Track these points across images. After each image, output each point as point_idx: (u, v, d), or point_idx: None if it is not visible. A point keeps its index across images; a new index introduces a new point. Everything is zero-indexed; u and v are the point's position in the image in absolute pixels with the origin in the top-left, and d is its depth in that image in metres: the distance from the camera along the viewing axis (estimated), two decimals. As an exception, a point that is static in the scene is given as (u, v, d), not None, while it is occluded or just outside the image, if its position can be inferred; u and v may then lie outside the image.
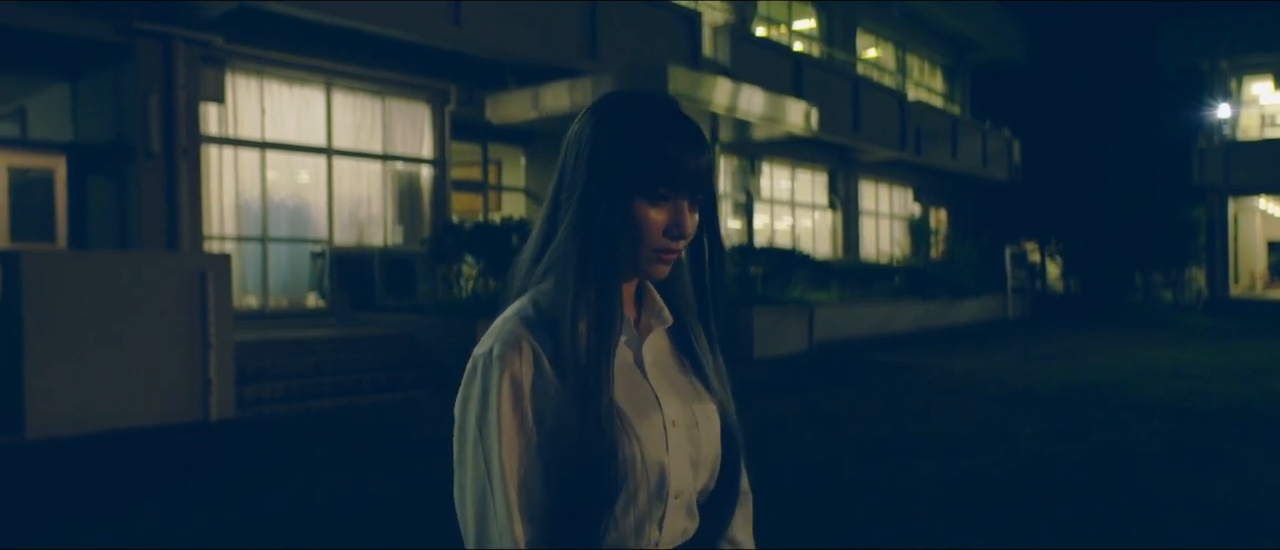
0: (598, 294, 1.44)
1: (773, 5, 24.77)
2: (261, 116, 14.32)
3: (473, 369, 1.44)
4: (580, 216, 1.45)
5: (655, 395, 1.51)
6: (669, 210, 1.46)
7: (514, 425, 1.38)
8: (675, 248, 1.49)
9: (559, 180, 1.53)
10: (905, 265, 26.48)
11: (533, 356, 1.41)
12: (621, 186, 1.44)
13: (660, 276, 1.53)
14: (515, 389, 1.39)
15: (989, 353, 17.84)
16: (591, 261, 1.44)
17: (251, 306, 14.09)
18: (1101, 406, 11.09)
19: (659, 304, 1.58)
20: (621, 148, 1.44)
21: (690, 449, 1.51)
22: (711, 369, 1.62)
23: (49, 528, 6.16)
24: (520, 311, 1.48)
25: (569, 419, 1.38)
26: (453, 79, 15.99)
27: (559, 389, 1.39)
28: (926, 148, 27.80)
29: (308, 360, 11.47)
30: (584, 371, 1.39)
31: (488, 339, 1.46)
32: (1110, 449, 8.62)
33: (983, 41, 33.49)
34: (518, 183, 19.25)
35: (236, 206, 14.11)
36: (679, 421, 1.51)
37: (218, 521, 6.29)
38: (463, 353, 6.71)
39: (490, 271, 13.38)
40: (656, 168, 1.44)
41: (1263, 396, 11.84)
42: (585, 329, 1.42)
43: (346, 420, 10.10)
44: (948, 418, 10.43)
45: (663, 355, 1.58)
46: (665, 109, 1.50)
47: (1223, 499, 6.69)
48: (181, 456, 8.50)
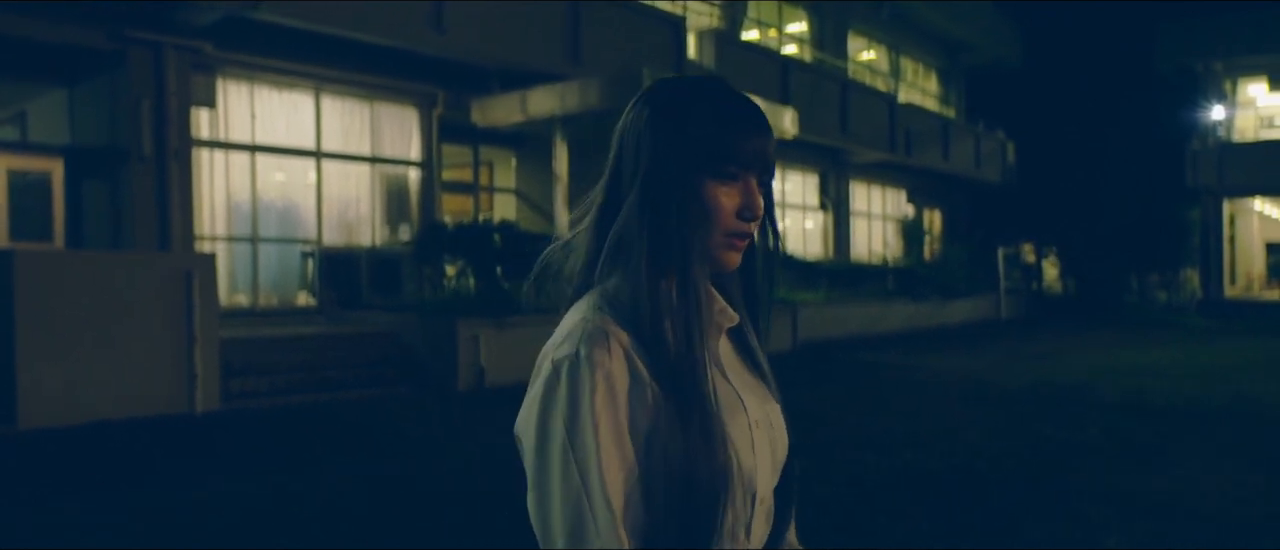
0: (680, 285, 1.36)
1: (763, 9, 25.08)
2: (252, 121, 14.71)
3: (554, 374, 1.31)
4: (646, 202, 1.38)
5: (738, 395, 1.43)
6: (739, 190, 1.39)
7: (611, 431, 1.27)
8: (748, 230, 1.41)
9: (614, 173, 1.45)
10: (896, 266, 26.72)
11: (625, 355, 1.31)
12: (689, 167, 1.37)
13: (733, 265, 1.44)
14: (610, 391, 1.28)
15: (971, 352, 18.14)
16: (666, 250, 1.36)
17: (242, 305, 14.49)
18: (1063, 405, 11.38)
19: (721, 302, 1.48)
20: (686, 127, 1.38)
21: (770, 450, 1.45)
22: (769, 368, 1.56)
23: (32, 510, 6.57)
24: (596, 306, 1.37)
25: (665, 422, 1.29)
26: (440, 84, 16.36)
27: (655, 390, 1.30)
28: (917, 149, 28.04)
29: (293, 356, 11.86)
30: (678, 371, 1.31)
31: (568, 340, 1.33)
32: (1058, 445, 8.91)
33: (977, 43, 33.70)
34: (509, 184, 19.60)
35: (228, 208, 14.50)
36: (760, 422, 1.44)
37: (187, 503, 6.69)
38: (443, 350, 7.41)
39: (472, 272, 13.75)
40: (724, 144, 1.37)
41: (1227, 396, 12.07)
42: (669, 326, 1.33)
43: (327, 414, 10.47)
44: (909, 414, 10.75)
45: (729, 355, 1.51)
46: (723, 88, 1.44)
47: (1154, 495, 6.93)
48: (163, 445, 8.89)
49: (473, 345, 12.24)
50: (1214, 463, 8.13)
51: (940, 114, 31.99)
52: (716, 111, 1.38)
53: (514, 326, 12.71)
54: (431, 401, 11.40)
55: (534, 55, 16.13)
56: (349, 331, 13.05)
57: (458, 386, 12.12)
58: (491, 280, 13.49)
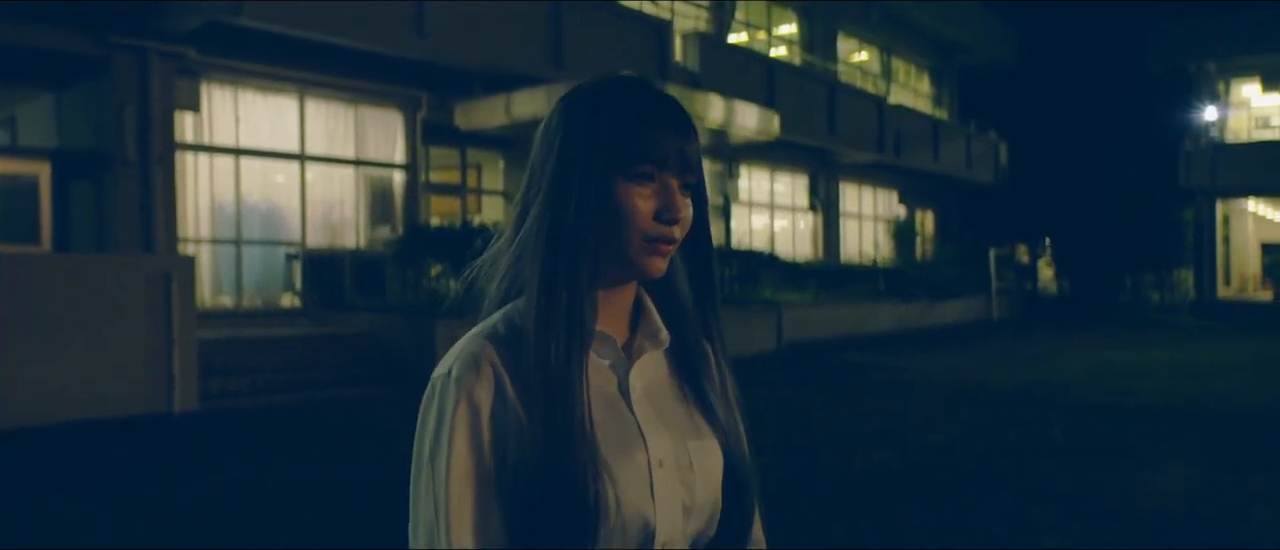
0: (568, 295, 1.27)
1: (752, 11, 25.23)
2: (236, 124, 14.88)
3: (430, 393, 1.28)
4: (548, 205, 1.30)
5: (640, 430, 1.32)
6: (655, 191, 1.30)
7: (469, 458, 1.23)
8: (669, 234, 1.30)
9: (528, 180, 1.37)
10: (887, 267, 26.87)
11: (494, 378, 1.25)
12: (597, 167, 1.28)
13: (658, 272, 1.33)
14: (473, 416, 1.23)
15: (956, 353, 18.29)
16: (561, 257, 1.28)
17: (226, 306, 14.66)
18: (1037, 405, 11.49)
19: (656, 322, 1.39)
20: (593, 125, 1.29)
21: (682, 493, 1.32)
22: (718, 396, 1.44)
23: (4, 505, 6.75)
24: (487, 328, 1.32)
25: (533, 451, 1.22)
26: (423, 87, 16.52)
27: (522, 417, 1.24)
28: (907, 150, 28.15)
29: (274, 357, 12.01)
30: (550, 394, 1.23)
31: (447, 359, 1.30)
32: (1022, 446, 9.01)
33: (969, 44, 33.80)
34: (496, 186, 19.74)
35: (212, 210, 14.67)
36: (666, 461, 1.31)
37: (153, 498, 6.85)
38: (421, 351, 7.61)
39: (453, 273, 13.90)
40: (634, 141, 1.28)
41: (1201, 397, 12.18)
42: (554, 345, 1.26)
43: (304, 413, 10.62)
44: (880, 414, 10.87)
45: (657, 382, 1.39)
46: (637, 84, 1.36)
47: (1107, 496, 7.04)
48: (135, 444, 9.05)
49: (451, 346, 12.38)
50: (1175, 464, 8.23)
51: (931, 115, 32.12)
52: (626, 107, 1.30)
53: (493, 328, 12.85)
54: (409, 401, 11.45)
55: (516, 59, 16.27)
56: (331, 332, 13.21)
57: (435, 387, 12.26)
58: (472, 282, 13.63)
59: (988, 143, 33.75)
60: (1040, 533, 6.13)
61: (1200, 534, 6.15)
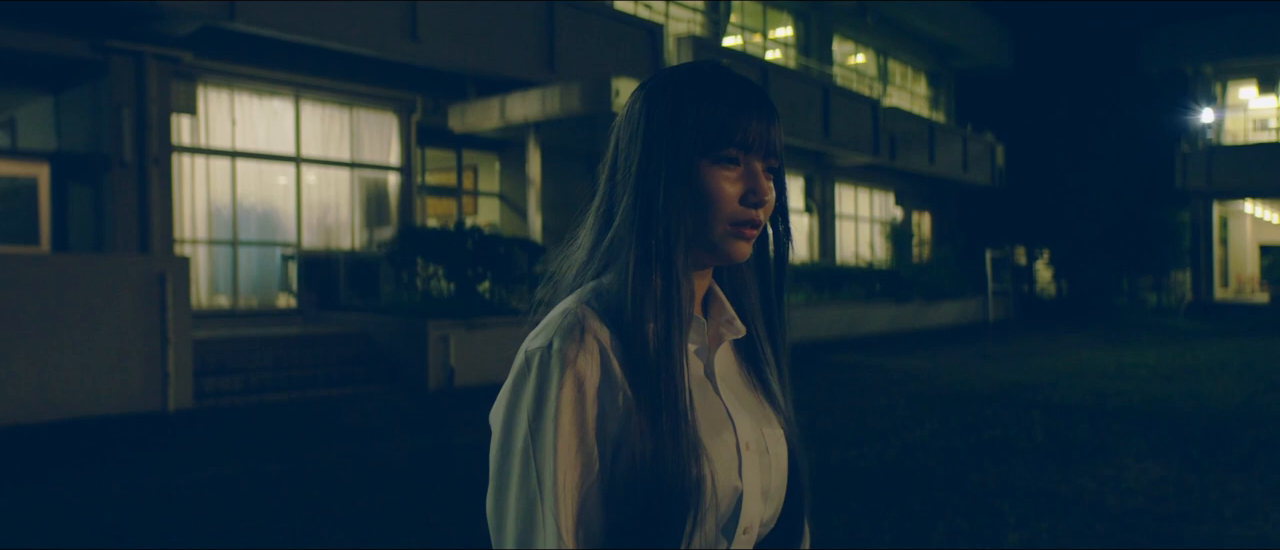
0: (664, 277, 1.28)
1: (748, 14, 25.42)
2: (232, 127, 15.07)
3: (525, 365, 1.25)
4: (639, 191, 1.30)
5: (728, 413, 1.34)
6: (741, 174, 1.30)
7: (574, 433, 1.21)
8: (756, 217, 1.31)
9: (612, 165, 1.37)
10: (882, 268, 27.01)
11: (599, 352, 1.24)
12: (681, 149, 1.29)
13: (743, 256, 1.33)
14: (578, 390, 1.22)
15: (947, 354, 18.40)
16: (654, 241, 1.28)
17: (222, 306, 14.86)
18: (1017, 405, 11.59)
19: (729, 311, 1.40)
20: (679, 111, 1.30)
21: (762, 477, 1.34)
22: (778, 389, 1.46)
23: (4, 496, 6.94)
24: (583, 300, 1.30)
25: (637, 428, 1.21)
26: (417, 90, 16.73)
27: (628, 393, 1.23)
28: (902, 153, 28.29)
29: (268, 356, 12.21)
30: (654, 374, 1.24)
31: (544, 331, 1.27)
32: (999, 444, 9.13)
33: (965, 47, 33.94)
34: (493, 188, 19.92)
35: (208, 212, 14.87)
36: (752, 444, 1.34)
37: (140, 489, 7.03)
38: (414, 350, 7.84)
39: (445, 275, 14.09)
40: (720, 124, 1.29)
41: (1180, 397, 12.27)
42: (653, 324, 1.26)
43: (296, 411, 10.83)
44: (865, 412, 11.00)
45: (730, 370, 1.42)
46: (719, 69, 1.36)
47: (1073, 493, 7.17)
48: (131, 439, 9.25)
49: (443, 346, 12.59)
50: (1144, 462, 8.33)
51: (926, 117, 32.22)
52: (710, 91, 1.31)
53: (484, 328, 13.06)
54: (400, 400, 11.77)
55: (509, 62, 16.46)
56: (325, 332, 13.40)
57: (428, 386, 12.47)
58: (464, 283, 13.83)
59: (984, 144, 33.85)
60: (1005, 528, 6.26)
61: (1162, 530, 6.27)
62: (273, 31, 13.72)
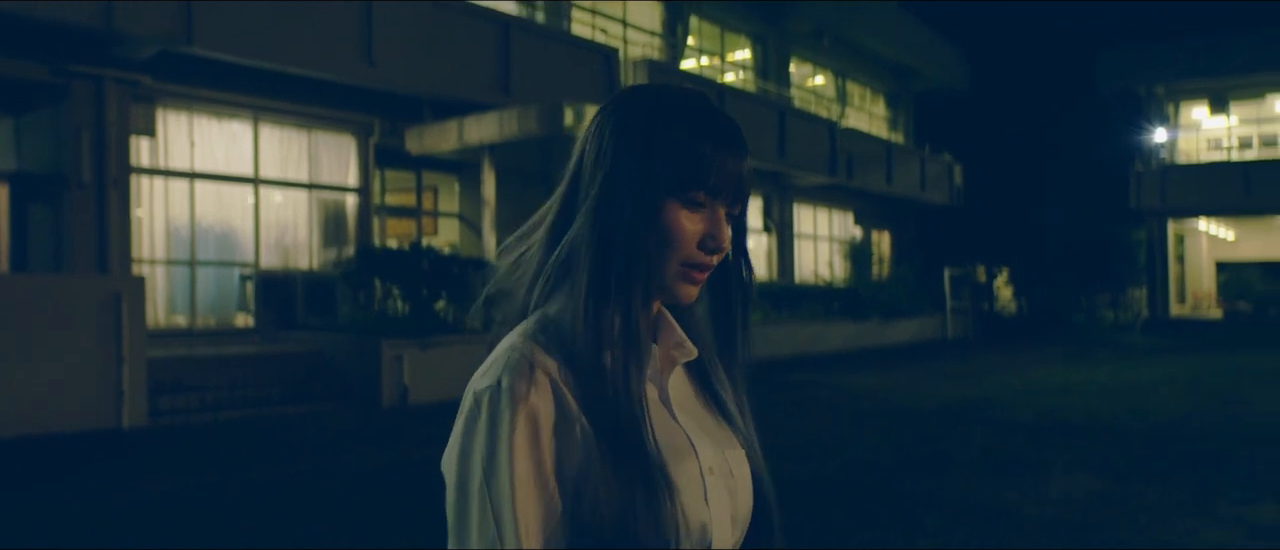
0: (622, 312, 1.24)
1: (706, 37, 25.80)
2: (191, 148, 15.24)
3: (474, 407, 1.20)
4: (601, 218, 1.26)
5: (690, 439, 1.30)
6: (705, 218, 1.27)
7: (531, 474, 1.16)
8: (709, 263, 1.28)
9: (572, 183, 1.32)
10: (838, 286, 27.33)
11: (551, 388, 1.20)
12: (652, 185, 1.25)
13: (688, 299, 1.30)
14: (532, 428, 1.17)
15: (901, 371, 18.64)
16: (614, 271, 1.24)
17: (180, 325, 14.99)
18: (962, 421, 11.82)
19: (679, 334, 1.36)
20: (653, 141, 1.26)
21: (729, 503, 1.31)
22: (736, 411, 1.43)
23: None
24: (528, 334, 1.25)
25: (598, 464, 1.17)
26: (375, 112, 16.94)
27: (586, 426, 1.19)
28: (860, 173, 28.60)
29: (224, 375, 12.39)
30: (615, 407, 1.20)
31: (491, 369, 1.22)
32: (935, 458, 9.37)
33: (923, 70, 34.42)
34: (453, 209, 20.12)
35: (167, 232, 15.02)
36: (715, 469, 1.30)
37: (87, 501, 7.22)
38: (368, 369, 8.15)
39: (400, 294, 14.29)
40: (693, 167, 1.25)
41: (1121, 412, 12.51)
42: (610, 356, 1.22)
43: (250, 428, 11.02)
44: (809, 429, 11.20)
45: (686, 394, 1.38)
46: (704, 103, 1.32)
47: (996, 504, 7.39)
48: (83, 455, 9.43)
49: (397, 365, 12.80)
50: (1073, 474, 8.57)
51: (885, 137, 32.66)
52: (689, 129, 1.27)
53: (438, 346, 13.28)
54: (353, 418, 11.96)
55: (465, 86, 16.72)
56: (281, 351, 13.58)
57: (381, 404, 12.68)
58: (419, 302, 14.04)
59: (942, 165, 34.31)
60: (922, 535, 6.51)
61: (1073, 537, 6.54)
62: (230, 56, 13.93)
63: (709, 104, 1.32)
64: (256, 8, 13.87)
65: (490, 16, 17.42)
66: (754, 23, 26.86)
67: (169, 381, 11.78)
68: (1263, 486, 7.99)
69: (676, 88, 1.35)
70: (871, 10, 30.63)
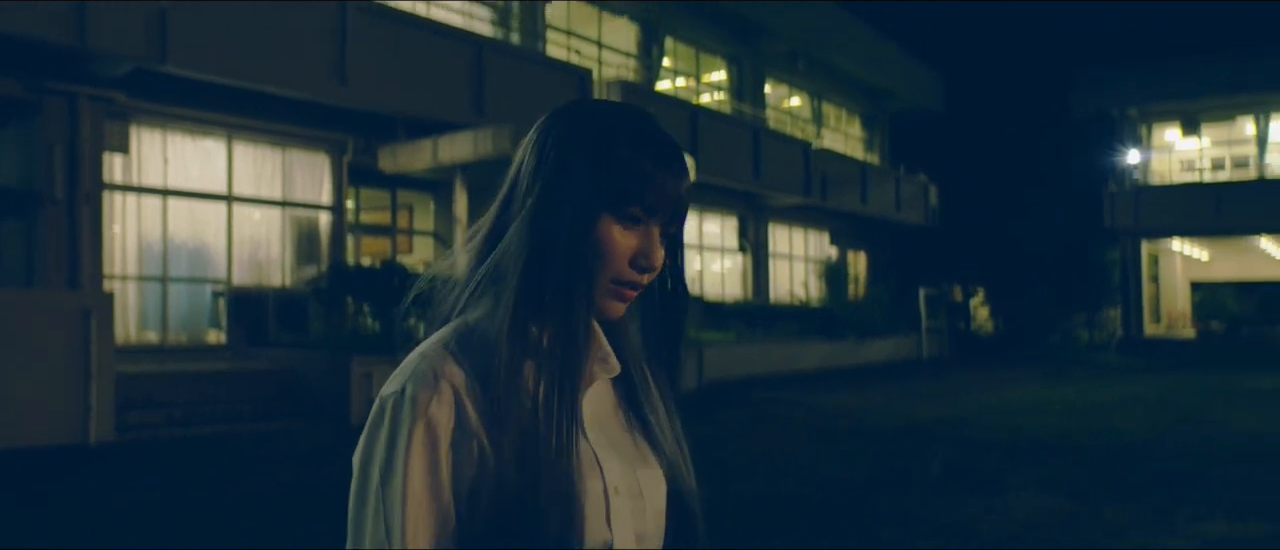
0: (556, 327, 1.25)
1: (681, 59, 25.98)
2: (165, 165, 15.26)
3: (379, 412, 1.21)
4: (537, 228, 1.25)
5: (596, 457, 1.28)
6: (639, 236, 1.27)
7: (425, 486, 1.17)
8: (640, 281, 1.29)
9: (508, 194, 1.33)
10: (813, 306, 27.44)
11: (454, 398, 1.19)
12: (588, 198, 1.25)
13: (615, 315, 1.31)
14: (430, 439, 1.18)
15: (875, 390, 18.71)
16: (549, 281, 1.24)
17: (151, 341, 14.99)
18: (932, 439, 11.90)
19: (605, 347, 1.34)
20: (595, 154, 1.26)
21: (634, 522, 1.30)
22: (662, 428, 1.40)
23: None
24: (442, 341, 1.25)
25: (496, 483, 1.18)
26: (349, 131, 17.00)
27: (484, 445, 1.19)
28: (835, 193, 28.78)
29: (193, 391, 12.41)
30: (531, 426, 1.20)
31: (398, 375, 1.23)
32: (900, 476, 9.44)
33: (898, 91, 34.72)
34: (428, 227, 20.16)
35: (139, 248, 15.03)
36: (621, 488, 1.29)
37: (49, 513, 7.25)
38: (338, 386, 8.17)
39: (373, 312, 14.34)
40: (631, 183, 1.25)
41: (1085, 431, 12.63)
42: (532, 371, 1.23)
43: (218, 444, 11.04)
44: (776, 447, 11.31)
45: (604, 410, 1.36)
46: (647, 121, 1.33)
47: (957, 520, 7.49)
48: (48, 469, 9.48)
49: (367, 382, 12.84)
50: (1035, 492, 8.67)
51: (858, 158, 32.86)
52: (629, 145, 1.27)
53: (410, 364, 13.30)
54: (321, 434, 11.98)
55: (438, 105, 16.81)
56: (252, 367, 13.60)
57: (350, 420, 12.70)
58: (389, 320, 14.10)
59: (917, 185, 34.55)
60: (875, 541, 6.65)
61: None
62: (204, 74, 13.98)
63: (652, 122, 1.33)
64: (231, 27, 13.93)
65: (464, 37, 17.55)
66: (729, 45, 27.08)
67: (138, 397, 11.78)
68: (1222, 504, 8.09)
69: (619, 104, 1.36)
70: (845, 33, 30.93)
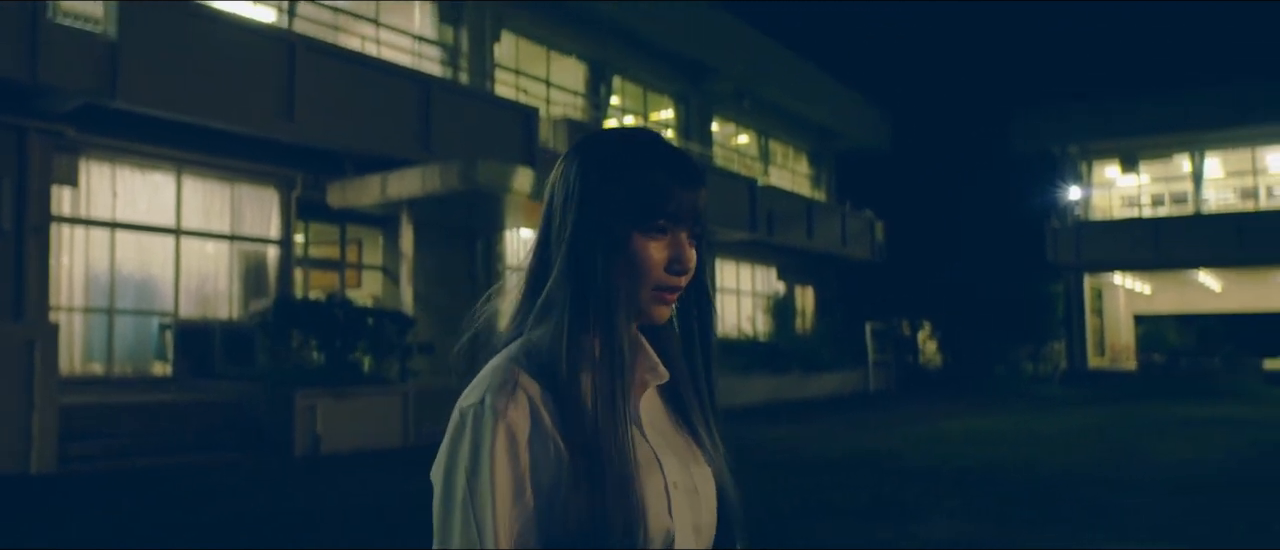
0: (603, 341, 1.37)
1: (629, 97, 26.46)
2: (113, 199, 15.42)
3: (460, 422, 1.34)
4: (573, 255, 1.39)
5: (656, 454, 1.41)
6: (668, 243, 1.40)
7: (510, 482, 1.29)
8: (678, 284, 1.42)
9: (546, 224, 1.46)
10: (760, 340, 27.74)
11: (529, 406, 1.33)
12: (617, 220, 1.38)
13: (662, 318, 1.44)
14: (511, 443, 1.30)
15: (816, 423, 18.92)
16: (590, 303, 1.37)
17: (96, 372, 15.07)
18: (861, 470, 12.14)
19: (653, 358, 1.48)
20: (615, 180, 1.40)
21: (692, 515, 1.42)
22: (705, 432, 1.53)
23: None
24: (512, 357, 1.38)
25: (571, 478, 1.29)
26: (298, 166, 17.23)
27: (559, 444, 1.31)
28: (780, 229, 29.09)
29: (136, 422, 12.53)
30: (594, 427, 1.32)
31: (477, 387, 1.36)
32: (822, 506, 9.67)
33: (844, 130, 35.30)
34: (377, 261, 20.34)
35: (86, 280, 15.15)
36: (680, 484, 1.42)
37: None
38: (281, 417, 8.85)
39: (318, 345, 14.53)
40: (653, 198, 1.39)
41: (1012, 460, 12.92)
42: (589, 381, 1.35)
43: (159, 475, 11.17)
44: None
45: (657, 414, 1.49)
46: (655, 140, 1.46)
47: (875, 545, 7.81)
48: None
49: (310, 414, 13.03)
50: (952, 519, 8.93)
51: (805, 195, 33.39)
52: (646, 164, 1.41)
53: (354, 397, 13.55)
54: (264, 466, 12.16)
55: (385, 142, 17.09)
56: (197, 399, 13.73)
57: (294, 453, 12.88)
58: (333, 353, 14.29)
59: (863, 221, 35.07)
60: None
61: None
62: (152, 110, 14.18)
63: (659, 139, 1.46)
64: (180, 64, 14.16)
65: (410, 76, 17.90)
66: (676, 84, 27.57)
67: (79, 428, 11.89)
68: (1133, 531, 8.44)
69: (632, 128, 1.51)
70: (792, 74, 31.52)
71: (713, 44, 27.28)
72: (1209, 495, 10.24)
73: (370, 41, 18.76)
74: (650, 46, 25.56)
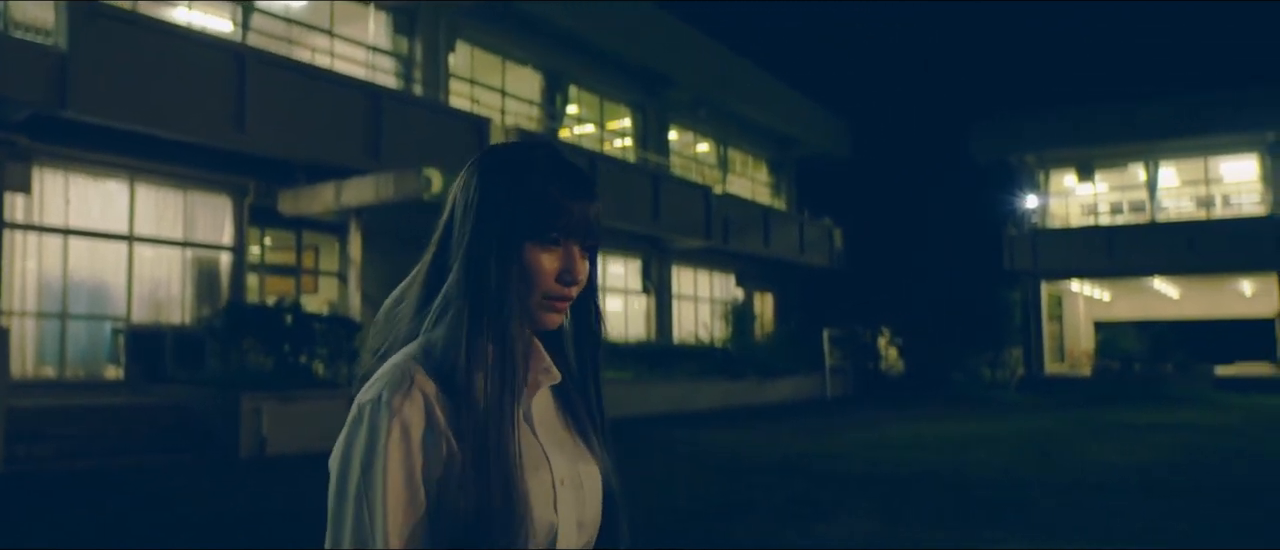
0: (495, 344, 1.41)
1: (586, 106, 26.86)
2: (66, 206, 15.69)
3: (357, 416, 1.38)
4: (470, 261, 1.44)
5: (544, 452, 1.47)
6: (560, 255, 1.45)
7: (402, 477, 1.33)
8: (568, 294, 1.47)
9: (445, 229, 1.51)
10: (716, 346, 28.03)
11: (425, 404, 1.36)
12: (511, 231, 1.43)
13: (552, 326, 1.50)
14: (405, 439, 1.34)
15: (762, 427, 19.13)
16: (485, 310, 1.42)
17: (48, 376, 15.34)
18: (792, 473, 12.37)
19: (546, 360, 1.53)
20: (510, 192, 1.45)
21: (577, 510, 1.48)
22: (593, 431, 1.60)
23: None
24: (410, 355, 1.43)
25: (461, 474, 1.34)
26: (250, 174, 17.52)
27: (452, 443, 1.36)
28: (737, 237, 29.47)
29: (86, 424, 12.81)
30: (484, 426, 1.37)
31: (375, 384, 1.40)
32: (742, 506, 9.96)
33: (804, 138, 35.75)
34: (332, 268, 20.58)
35: (39, 285, 15.43)
36: (565, 480, 1.48)
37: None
38: (228, 420, 9.32)
39: (266, 350, 14.84)
40: (547, 211, 1.44)
41: (944, 465, 13.08)
42: (482, 381, 1.39)
43: (107, 477, 11.44)
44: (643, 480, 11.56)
45: (547, 413, 1.54)
46: (551, 154, 1.51)
47: (777, 543, 8.10)
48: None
49: (256, 417, 13.35)
50: (862, 520, 9.18)
51: (760, 203, 33.72)
52: (541, 179, 1.46)
53: (301, 400, 13.86)
54: (209, 467, 12.46)
55: (336, 151, 17.44)
56: (146, 402, 14.05)
57: (240, 454, 13.20)
58: (281, 357, 14.59)
59: (822, 228, 35.54)
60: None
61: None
62: (103, 120, 14.48)
63: (559, 155, 1.52)
64: (131, 74, 14.46)
65: (360, 86, 18.26)
66: (633, 93, 27.95)
67: (27, 430, 12.14)
68: (1039, 527, 8.80)
69: (529, 143, 1.56)
70: (750, 83, 31.95)
71: (670, 53, 27.67)
72: (1114, 496, 10.55)
73: (324, 53, 19.06)
74: (606, 56, 25.91)
